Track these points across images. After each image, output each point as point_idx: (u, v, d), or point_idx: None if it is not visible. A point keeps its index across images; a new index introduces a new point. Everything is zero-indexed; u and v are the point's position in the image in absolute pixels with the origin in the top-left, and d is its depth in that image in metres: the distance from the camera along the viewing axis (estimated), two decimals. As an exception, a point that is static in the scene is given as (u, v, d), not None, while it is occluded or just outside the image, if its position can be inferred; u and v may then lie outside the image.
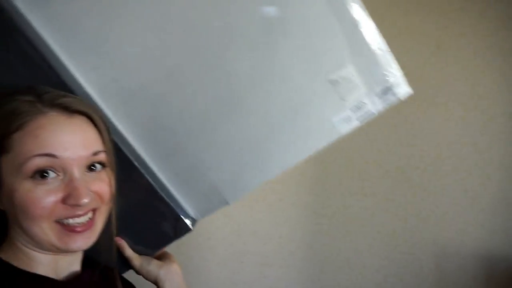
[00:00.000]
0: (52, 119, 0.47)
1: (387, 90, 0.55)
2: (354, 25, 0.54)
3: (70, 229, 0.48)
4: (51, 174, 0.46)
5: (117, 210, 0.56)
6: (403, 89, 0.56)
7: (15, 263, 0.49)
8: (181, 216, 0.64)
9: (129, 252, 0.62)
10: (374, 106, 0.56)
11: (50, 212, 0.46)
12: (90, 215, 0.50)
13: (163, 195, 0.63)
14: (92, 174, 0.50)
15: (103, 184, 0.51)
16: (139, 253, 0.64)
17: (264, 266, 1.26)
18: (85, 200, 0.47)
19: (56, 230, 0.47)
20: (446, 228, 1.26)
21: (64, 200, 0.46)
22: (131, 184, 0.61)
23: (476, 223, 1.26)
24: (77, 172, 0.47)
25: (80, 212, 0.48)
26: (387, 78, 0.55)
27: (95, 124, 0.51)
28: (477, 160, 1.25)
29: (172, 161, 0.63)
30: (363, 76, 0.56)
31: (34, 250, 0.49)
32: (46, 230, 0.47)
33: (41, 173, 0.46)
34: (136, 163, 0.61)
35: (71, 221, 0.48)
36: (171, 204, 0.63)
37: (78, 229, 0.48)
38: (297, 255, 1.27)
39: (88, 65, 0.56)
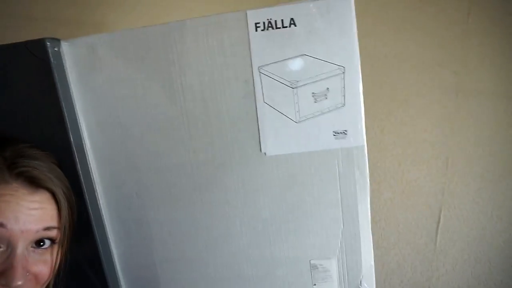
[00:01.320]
0: (13, 191, 0.46)
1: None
2: (356, 232, 0.58)
3: None
4: None
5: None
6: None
7: None
8: None
9: None
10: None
11: None
12: None
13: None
14: (38, 251, 0.48)
15: (44, 267, 0.48)
16: None
17: None
18: (18, 283, 0.44)
19: None
20: None
21: None
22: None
23: None
24: (21, 247, 0.45)
25: None
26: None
27: (57, 200, 0.50)
28: None
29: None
30: (342, 275, 0.59)
31: None
32: None
33: None
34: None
35: None
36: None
37: None
38: None
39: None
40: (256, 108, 0.55)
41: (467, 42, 0.96)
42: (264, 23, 0.53)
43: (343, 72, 0.53)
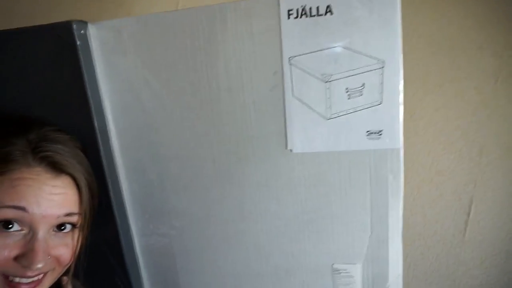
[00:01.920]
0: (36, 174, 0.46)
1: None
2: (385, 239, 0.55)
3: (13, 286, 0.46)
4: (15, 227, 0.45)
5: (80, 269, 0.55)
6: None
7: None
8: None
9: None
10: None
11: None
12: (39, 276, 0.48)
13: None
14: (59, 234, 0.49)
15: (65, 250, 0.49)
16: None
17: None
18: (39, 266, 0.45)
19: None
20: None
21: (17, 258, 0.45)
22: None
23: None
24: (42, 231, 0.46)
25: (30, 274, 0.46)
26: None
27: (78, 185, 0.50)
28: None
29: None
30: (367, 282, 0.57)
31: None
32: None
33: (6, 224, 0.44)
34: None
35: (17, 279, 0.46)
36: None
37: (23, 286, 0.46)
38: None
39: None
40: (284, 102, 0.52)
41: (511, 25, 0.87)
42: (297, 10, 0.48)
43: (382, 67, 0.49)
